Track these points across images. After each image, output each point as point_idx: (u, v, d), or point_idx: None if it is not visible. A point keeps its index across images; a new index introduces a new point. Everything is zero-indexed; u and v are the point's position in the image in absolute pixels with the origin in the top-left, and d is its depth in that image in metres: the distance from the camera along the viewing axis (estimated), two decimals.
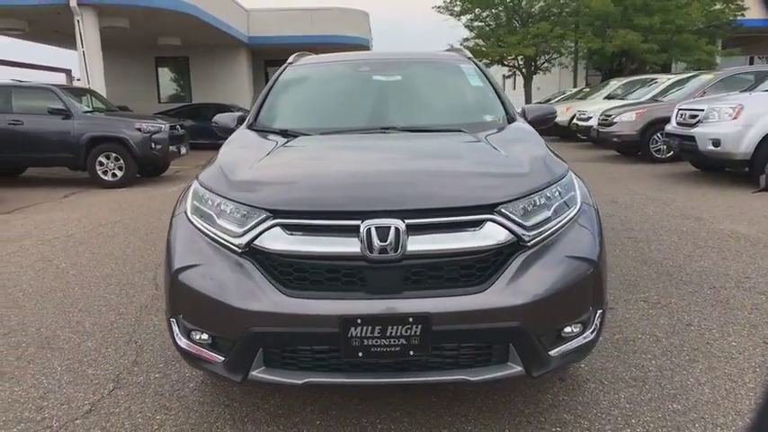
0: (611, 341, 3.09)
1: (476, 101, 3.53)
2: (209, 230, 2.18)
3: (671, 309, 3.53)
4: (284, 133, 3.00)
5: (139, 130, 9.15)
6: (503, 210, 2.09)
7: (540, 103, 19.46)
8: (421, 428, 2.30)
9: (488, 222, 2.06)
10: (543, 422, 2.34)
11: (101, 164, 9.17)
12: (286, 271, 2.05)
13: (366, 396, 2.51)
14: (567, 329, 2.17)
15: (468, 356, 2.07)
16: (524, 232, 2.09)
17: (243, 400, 2.53)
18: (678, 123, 8.64)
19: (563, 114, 16.62)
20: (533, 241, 2.11)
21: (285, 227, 2.06)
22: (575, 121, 14.79)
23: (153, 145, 9.24)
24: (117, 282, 4.31)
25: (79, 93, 10.37)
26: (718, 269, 4.27)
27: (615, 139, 11.40)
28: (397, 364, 2.04)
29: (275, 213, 2.07)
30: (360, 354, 1.97)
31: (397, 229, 1.98)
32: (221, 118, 3.47)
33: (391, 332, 1.96)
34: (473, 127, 3.00)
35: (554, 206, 2.22)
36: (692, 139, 8.02)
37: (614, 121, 11.31)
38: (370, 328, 1.95)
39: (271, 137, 2.94)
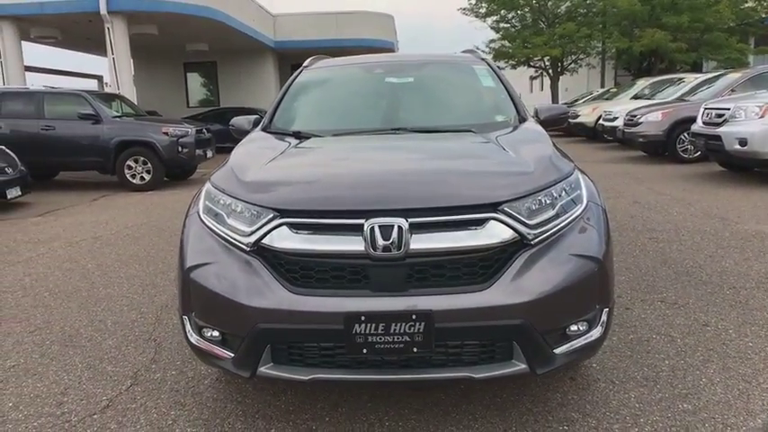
0: (624, 341, 3.06)
1: (487, 101, 3.55)
2: (220, 230, 2.25)
3: (688, 309, 3.48)
4: (297, 135, 3.06)
5: (166, 134, 9.37)
6: (506, 208, 2.11)
7: (566, 104, 19.29)
8: (428, 425, 2.33)
9: (491, 221, 2.08)
10: (551, 420, 2.34)
11: (129, 167, 9.42)
12: (293, 269, 2.10)
13: (375, 393, 2.55)
14: (573, 327, 2.18)
15: (471, 354, 2.09)
16: (528, 231, 2.11)
17: (255, 396, 2.59)
18: (704, 123, 8.48)
19: (589, 115, 16.49)
20: (537, 239, 2.12)
21: (291, 226, 2.11)
22: (600, 121, 14.60)
23: (180, 149, 9.45)
24: (140, 282, 4.43)
25: (108, 98, 10.68)
26: (739, 269, 4.19)
27: (641, 140, 11.23)
28: (402, 361, 2.07)
29: (282, 213, 2.13)
30: (364, 350, 2.00)
31: (400, 228, 2.02)
32: (237, 121, 3.55)
33: (395, 329, 1.99)
34: (483, 127, 3.01)
35: (559, 205, 2.23)
36: (718, 138, 7.86)
37: (640, 121, 11.14)
38: (374, 325, 1.99)
39: (283, 138, 3.00)
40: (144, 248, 5.55)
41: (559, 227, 2.19)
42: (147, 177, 9.50)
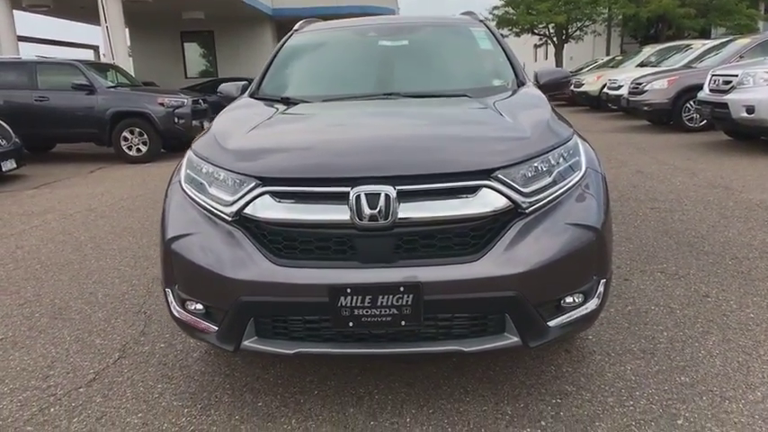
0: (622, 313, 3.00)
1: (485, 65, 3.42)
2: (202, 199, 2.17)
3: (689, 280, 3.41)
4: (285, 101, 2.95)
5: (162, 104, 9.22)
6: (500, 175, 2.01)
7: (571, 72, 18.96)
8: (419, 399, 2.28)
9: (484, 188, 1.99)
10: (544, 393, 2.29)
11: (125, 139, 9.29)
12: (276, 240, 2.02)
13: (366, 366, 2.50)
14: (568, 299, 2.11)
15: (462, 327, 2.02)
16: (522, 199, 2.02)
17: (244, 370, 2.55)
18: (711, 90, 8.29)
19: (593, 84, 16.22)
20: (532, 208, 2.03)
21: (274, 194, 2.03)
22: (605, 90, 14.36)
23: (176, 119, 9.31)
24: (132, 254, 4.38)
25: (103, 68, 10.49)
26: (742, 239, 4.10)
27: (646, 108, 11.03)
28: (389, 334, 2.01)
29: (264, 181, 2.04)
30: (350, 324, 1.94)
31: (387, 196, 1.93)
32: (225, 87, 3.44)
33: (382, 302, 1.92)
34: (480, 92, 2.90)
35: (556, 172, 2.14)
36: (724, 106, 7.69)
37: (645, 89, 10.93)
38: (360, 297, 1.92)
39: (271, 105, 2.89)
40: (138, 221, 5.48)
41: (556, 195, 2.10)
42: (144, 149, 9.38)
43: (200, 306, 2.14)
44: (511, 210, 2.01)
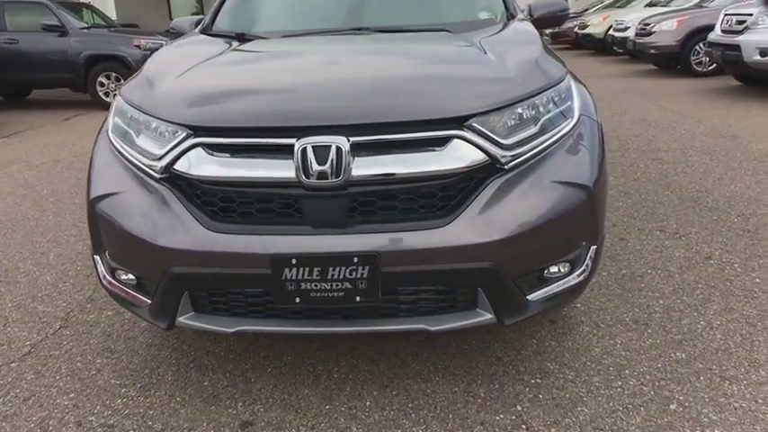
0: (615, 277, 2.74)
1: None
2: (128, 152, 1.87)
3: (690, 239, 3.13)
4: (240, 37, 2.59)
5: (138, 47, 8.69)
6: (474, 124, 1.70)
7: (575, 13, 18.12)
8: (382, 378, 2.04)
9: (455, 140, 1.69)
10: (522, 372, 2.04)
11: (101, 84, 8.82)
12: (210, 201, 1.73)
13: (327, 340, 2.25)
14: (552, 269, 1.84)
15: (428, 302, 1.75)
16: (502, 152, 1.72)
17: (193, 343, 2.30)
18: (723, 31, 7.78)
19: (599, 25, 15.55)
20: (513, 163, 1.74)
21: (207, 147, 1.73)
22: (611, 32, 13.70)
23: None
24: None
25: (76, 8, 9.83)
26: (750, 194, 3.80)
27: (653, 51, 10.50)
28: (344, 310, 1.74)
29: (195, 131, 1.73)
30: (297, 299, 1.67)
31: (338, 149, 1.63)
32: (179, 22, 3.08)
33: (333, 274, 1.65)
34: (463, 26, 2.55)
35: (544, 119, 1.83)
36: (736, 48, 7.22)
37: (653, 30, 10.37)
38: (307, 269, 1.64)
39: (222, 42, 2.53)
40: None
41: (542, 147, 1.79)
42: None
43: (131, 276, 1.87)
44: (487, 165, 1.71)
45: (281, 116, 1.71)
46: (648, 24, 10.45)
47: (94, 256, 1.97)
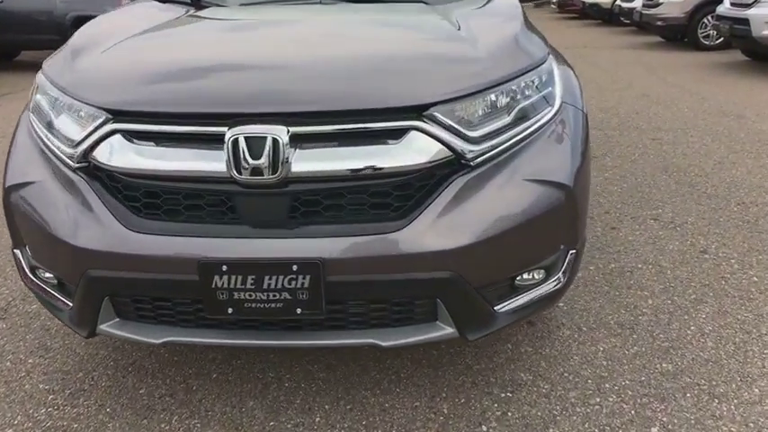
0: (603, 272, 2.53)
1: None
2: (46, 136, 1.64)
3: (685, 230, 2.92)
4: (197, 3, 2.33)
5: None
6: (436, 114, 1.47)
7: None
8: (337, 388, 1.85)
9: (412, 132, 1.46)
10: (492, 384, 1.86)
11: None
12: (132, 196, 1.51)
13: None
14: (525, 276, 1.63)
15: (381, 314, 1.55)
16: (468, 147, 1.49)
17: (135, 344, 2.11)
18: (732, 4, 7.44)
19: None
20: (481, 159, 1.51)
21: (127, 134, 1.50)
22: (618, 2, 13.23)
23: None
24: None
25: None
26: (752, 180, 3.57)
27: (659, 23, 10.13)
28: (285, 322, 1.54)
29: (115, 115, 1.50)
30: (229, 310, 1.47)
31: (275, 141, 1.40)
32: None
33: (270, 284, 1.44)
34: None
35: (519, 107, 1.59)
36: (745, 22, 6.90)
37: (660, 1, 9.99)
38: (240, 277, 1.43)
39: (173, 8, 2.28)
40: None
41: (516, 140, 1.57)
42: None
43: (51, 275, 1.66)
44: (451, 161, 1.49)
45: (211, 101, 1.48)
46: None
47: (14, 251, 1.76)
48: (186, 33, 2.00)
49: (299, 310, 1.46)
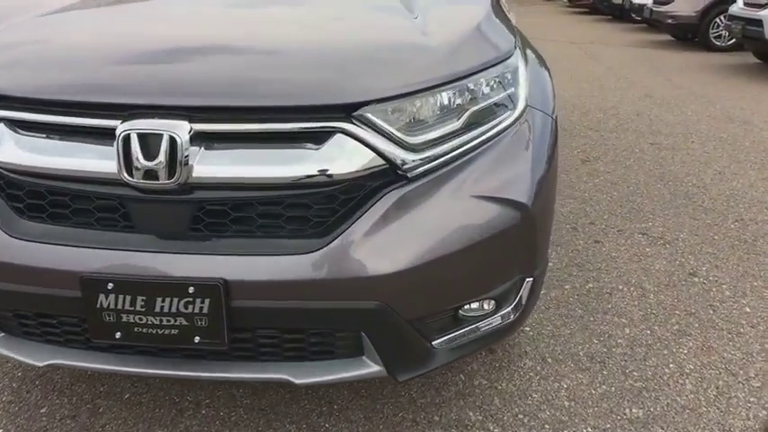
0: (579, 292, 2.30)
1: None
2: None
3: (676, 248, 2.68)
4: None
5: None
6: (368, 114, 1.24)
7: None
8: (259, 420, 1.63)
9: (338, 135, 1.22)
10: (434, 424, 1.63)
11: None
12: (15, 195, 1.29)
13: None
14: (473, 306, 1.40)
15: (297, 345, 1.33)
16: (405, 155, 1.26)
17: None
18: (746, 4, 7.12)
19: None
20: (421, 170, 1.27)
21: (11, 123, 1.27)
22: None
23: None
24: None
25: None
26: (753, 194, 3.31)
27: (670, 21, 9.78)
28: (184, 350, 1.32)
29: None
30: (117, 334, 1.25)
31: (172, 139, 1.17)
32: None
33: (162, 307, 1.22)
34: None
35: (473, 110, 1.35)
36: (758, 23, 6.59)
37: None
38: (128, 297, 1.21)
39: None
40: None
41: (466, 148, 1.33)
42: None
43: None
44: (384, 171, 1.25)
45: (103, 89, 1.24)
46: None
47: None
48: (85, 14, 1.75)
49: (197, 339, 1.24)
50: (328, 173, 1.22)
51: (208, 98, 1.22)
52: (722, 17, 8.80)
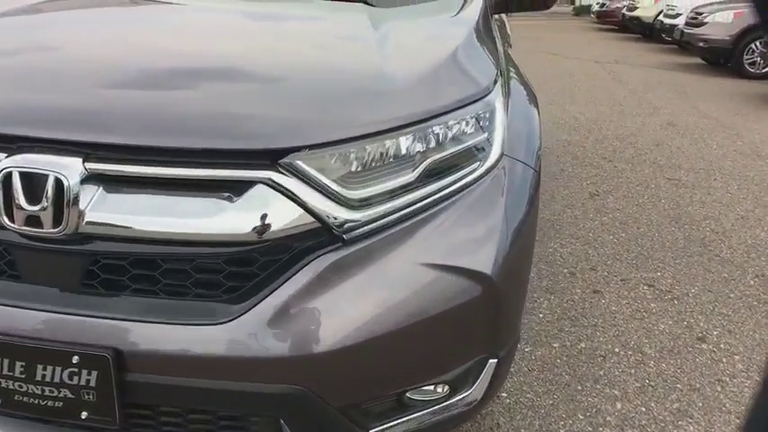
0: (568, 353, 2.05)
1: None
2: None
3: (684, 305, 2.41)
4: None
5: None
6: (298, 163, 1.02)
7: None
8: None
9: (259, 185, 1.01)
10: None
11: None
12: None
13: None
14: (424, 389, 1.18)
15: (204, 427, 1.12)
16: (341, 213, 1.04)
17: None
18: None
19: (649, 8, 14.28)
20: (360, 231, 1.06)
21: None
22: (660, 17, 12.52)
23: None
24: None
25: None
26: None
27: (702, 44, 9.40)
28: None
29: None
30: None
31: (58, 181, 0.97)
32: None
33: (44, 375, 1.02)
34: None
35: (431, 160, 1.13)
36: None
37: (705, 20, 9.28)
38: (7, 360, 1.02)
39: None
40: None
41: (419, 206, 1.11)
42: None
43: None
44: (315, 231, 1.04)
45: None
46: (701, 14, 9.35)
47: None
48: (20, 25, 1.54)
49: (84, 414, 1.04)
50: (244, 230, 1.01)
51: (106, 133, 1.01)
52: (758, 43, 8.43)
